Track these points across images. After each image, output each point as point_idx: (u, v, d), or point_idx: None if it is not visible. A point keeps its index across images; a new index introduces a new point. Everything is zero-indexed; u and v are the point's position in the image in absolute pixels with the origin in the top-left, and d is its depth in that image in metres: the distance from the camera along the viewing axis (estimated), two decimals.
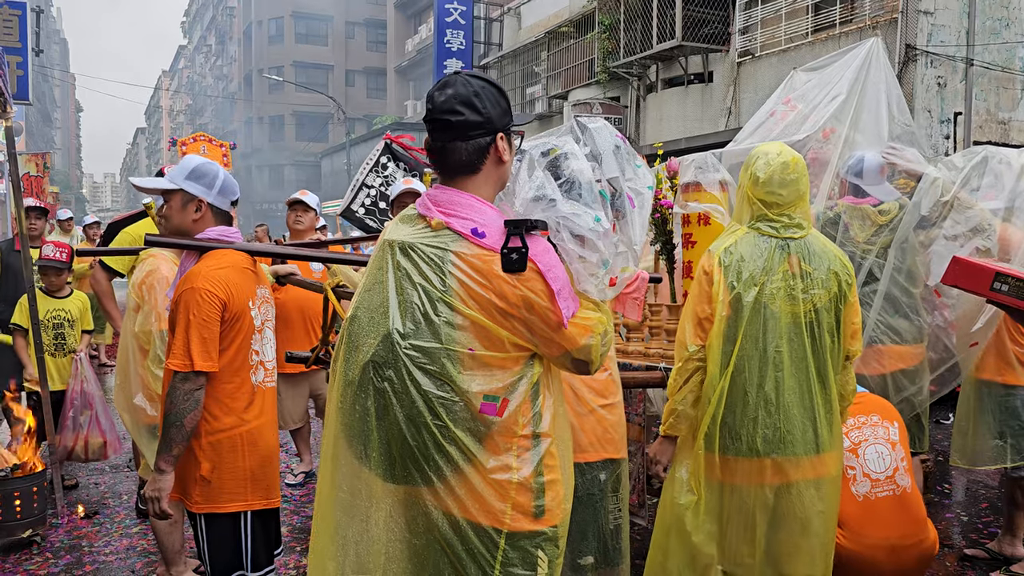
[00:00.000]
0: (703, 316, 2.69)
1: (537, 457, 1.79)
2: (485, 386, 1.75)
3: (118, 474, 5.72)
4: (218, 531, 2.60)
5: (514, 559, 1.77)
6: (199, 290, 2.47)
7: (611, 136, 2.10)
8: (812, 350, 2.62)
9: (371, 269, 1.87)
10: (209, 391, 2.52)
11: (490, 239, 1.75)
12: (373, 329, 1.79)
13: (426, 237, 1.80)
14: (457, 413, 1.74)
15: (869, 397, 3.33)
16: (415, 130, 33.00)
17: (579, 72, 17.86)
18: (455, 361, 1.73)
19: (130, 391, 3.61)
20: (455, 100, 1.81)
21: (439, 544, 1.76)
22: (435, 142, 1.85)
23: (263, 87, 46.66)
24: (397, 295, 1.77)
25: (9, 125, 4.69)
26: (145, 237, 2.67)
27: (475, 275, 1.73)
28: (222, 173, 2.71)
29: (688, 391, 2.72)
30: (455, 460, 1.74)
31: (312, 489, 5.30)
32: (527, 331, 1.77)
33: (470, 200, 1.81)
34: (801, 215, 2.67)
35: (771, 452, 2.59)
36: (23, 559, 4.18)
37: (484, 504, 1.75)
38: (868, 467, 3.12)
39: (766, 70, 13.03)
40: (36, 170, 13.59)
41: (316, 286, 3.25)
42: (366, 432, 1.78)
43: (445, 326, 1.73)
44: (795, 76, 3.75)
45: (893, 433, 3.21)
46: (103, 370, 10.05)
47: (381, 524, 1.78)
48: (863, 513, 3.07)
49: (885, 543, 3.04)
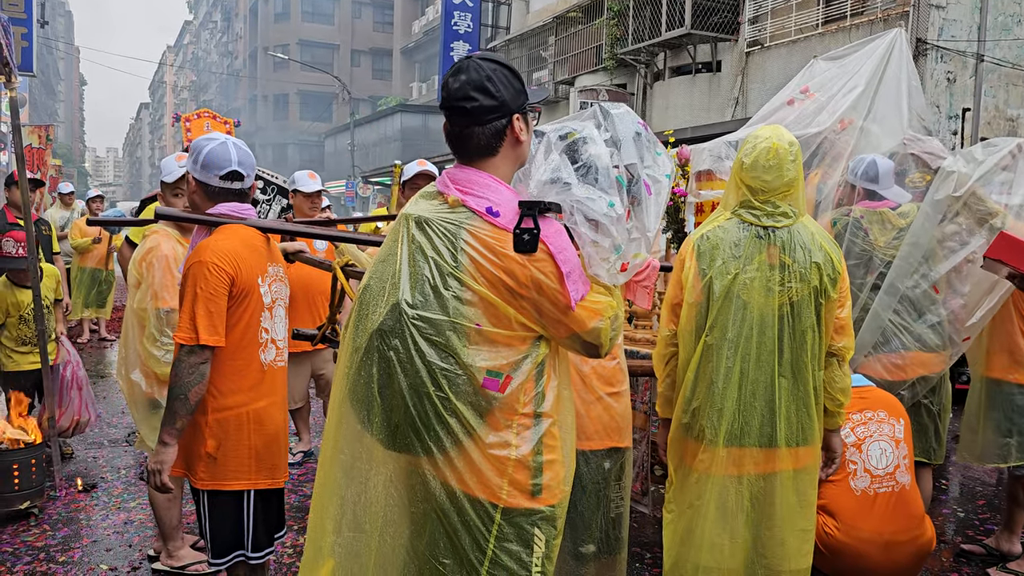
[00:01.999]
0: (675, 302, 2.70)
1: (537, 436, 1.82)
2: (489, 362, 1.77)
3: (116, 448, 5.73)
4: (221, 508, 2.60)
5: (509, 535, 1.79)
6: (206, 263, 2.45)
7: (633, 122, 2.09)
8: (786, 344, 2.56)
9: (387, 241, 1.91)
10: (217, 367, 2.50)
11: (504, 218, 1.78)
12: (383, 298, 1.82)
13: (442, 212, 1.82)
14: (460, 386, 1.76)
15: (876, 393, 3.31)
16: (420, 112, 32.97)
17: (586, 58, 17.76)
18: (461, 335, 1.76)
19: (129, 366, 3.63)
20: (469, 86, 1.82)
21: (436, 513, 1.79)
22: (453, 128, 1.87)
23: (268, 65, 46.44)
24: (409, 266, 1.80)
25: (14, 96, 4.65)
26: (156, 210, 2.65)
27: (486, 252, 1.76)
28: (208, 146, 2.61)
29: (666, 375, 2.77)
30: (455, 432, 1.77)
31: (310, 469, 5.31)
32: (535, 312, 1.79)
33: (487, 179, 1.84)
34: (790, 203, 2.61)
35: (735, 443, 2.57)
36: (20, 530, 4.19)
37: (482, 478, 1.78)
38: (870, 463, 3.11)
39: (775, 61, 12.96)
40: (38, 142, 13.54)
41: (325, 264, 3.23)
42: (369, 398, 1.81)
43: (453, 300, 1.76)
44: (815, 64, 3.70)
45: (899, 431, 3.20)
46: (103, 344, 10.05)
47: (380, 488, 1.82)
48: (859, 507, 3.07)
49: (879, 538, 3.04)
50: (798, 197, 2.64)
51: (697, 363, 2.62)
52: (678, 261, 2.69)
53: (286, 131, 47.46)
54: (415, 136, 31.60)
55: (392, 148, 31.84)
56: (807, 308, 2.57)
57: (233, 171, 2.63)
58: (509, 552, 1.79)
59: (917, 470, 3.71)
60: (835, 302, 2.62)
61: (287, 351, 2.78)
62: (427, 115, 32.15)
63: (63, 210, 10.48)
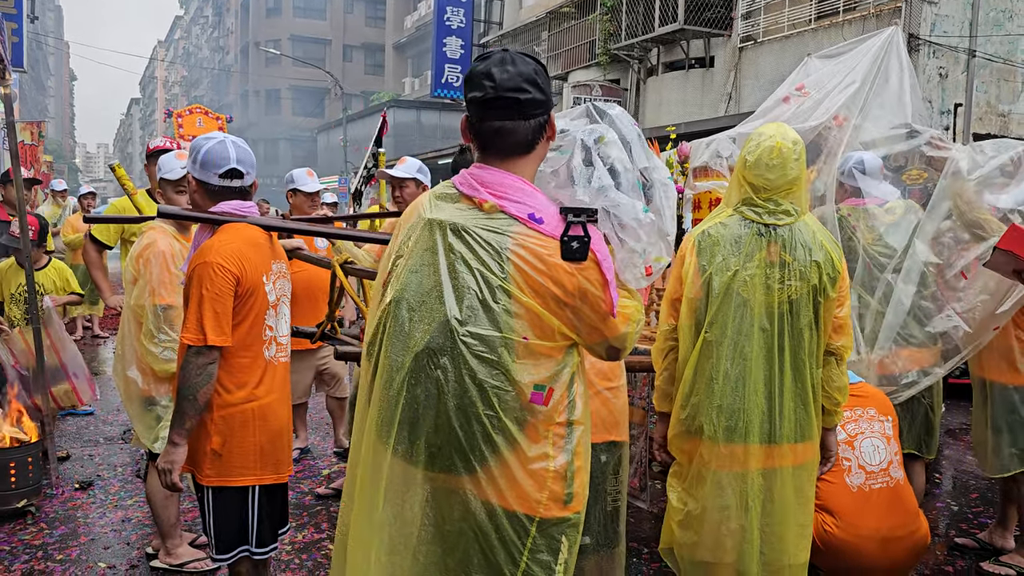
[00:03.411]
0: (674, 297, 2.70)
1: (571, 445, 1.79)
2: (535, 376, 1.73)
3: (112, 446, 5.72)
4: (225, 504, 2.61)
5: (541, 545, 1.76)
6: (212, 264, 2.46)
7: (631, 123, 2.07)
8: (786, 341, 2.58)
9: (416, 249, 1.80)
10: (222, 365, 2.52)
11: (548, 225, 1.72)
12: (427, 314, 1.74)
13: (479, 220, 1.74)
14: (508, 403, 1.71)
15: (868, 390, 3.34)
16: (412, 107, 32.88)
17: (579, 53, 17.75)
18: (511, 350, 1.70)
19: (126, 363, 3.62)
20: (520, 78, 1.74)
21: (473, 531, 1.74)
22: (491, 121, 1.76)
23: (260, 60, 46.27)
24: (451, 279, 1.72)
25: (7, 92, 4.63)
26: (158, 209, 2.65)
27: (534, 262, 1.69)
28: (206, 145, 2.62)
29: (664, 368, 2.77)
30: (500, 449, 1.72)
31: (306, 465, 5.31)
32: (576, 320, 1.75)
33: (519, 183, 1.77)
34: (793, 201, 2.62)
35: (734, 439, 2.58)
36: (17, 529, 4.18)
37: (521, 492, 1.74)
38: (864, 459, 3.13)
39: (768, 56, 12.98)
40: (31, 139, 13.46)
41: (324, 261, 3.23)
42: (413, 420, 1.74)
43: (503, 314, 1.70)
44: (809, 63, 3.70)
45: (888, 428, 3.23)
46: (96, 341, 10.03)
47: (416, 508, 1.76)
48: (857, 504, 3.09)
49: (877, 534, 3.06)
50: (800, 195, 2.65)
51: (696, 359, 2.63)
52: (678, 257, 2.70)
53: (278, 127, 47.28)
54: (408, 131, 31.52)
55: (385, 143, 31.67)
56: (806, 306, 2.58)
57: (232, 169, 2.63)
58: (540, 562, 1.77)
59: (910, 464, 3.74)
60: (834, 301, 2.63)
61: (290, 347, 2.79)
62: (420, 110, 32.07)
63: (56, 207, 10.44)
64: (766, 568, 2.66)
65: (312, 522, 4.32)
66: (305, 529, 4.22)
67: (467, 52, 21.44)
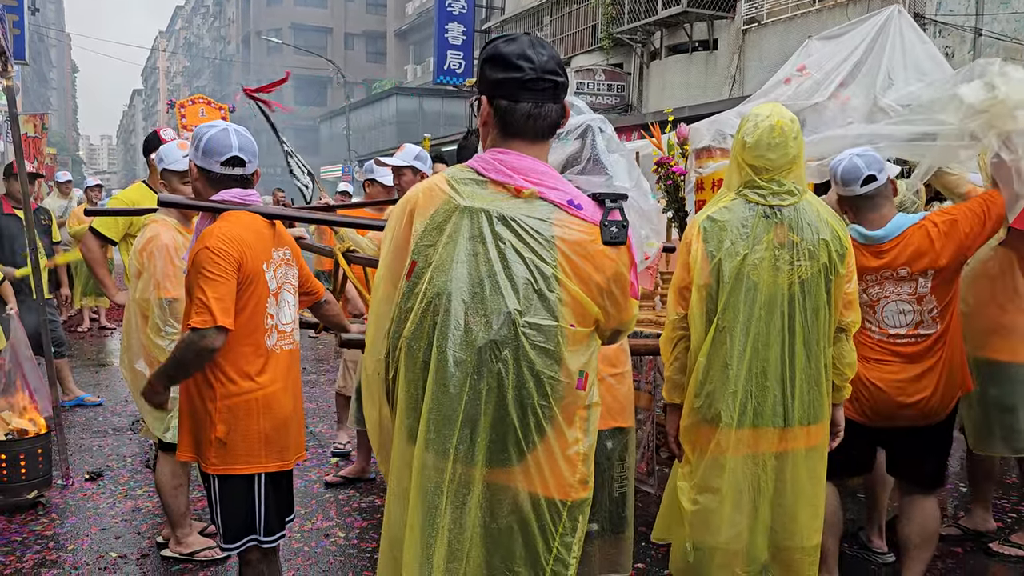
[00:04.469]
0: (682, 285, 2.67)
1: (592, 427, 1.82)
2: (579, 362, 1.75)
3: (121, 436, 5.75)
4: (231, 493, 2.62)
5: (567, 527, 1.79)
6: (212, 248, 2.47)
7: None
8: (798, 323, 2.57)
9: (456, 238, 1.73)
10: (224, 354, 2.53)
11: (587, 211, 1.73)
12: (482, 306, 1.70)
13: (521, 207, 1.72)
14: (560, 392, 1.73)
15: (906, 237, 2.99)
16: (415, 94, 32.78)
17: (582, 38, 17.67)
18: (564, 338, 1.71)
19: (132, 355, 3.65)
20: (554, 61, 1.75)
21: (518, 524, 1.75)
22: (525, 103, 1.73)
23: (261, 49, 46.16)
24: (503, 269, 1.70)
25: (10, 84, 4.63)
26: (159, 198, 2.64)
27: (578, 248, 1.71)
28: (209, 132, 2.63)
29: (674, 358, 2.74)
30: (548, 436, 1.73)
31: (315, 454, 5.33)
32: (608, 305, 1.77)
33: (548, 169, 1.77)
34: (794, 180, 2.60)
35: (750, 424, 2.58)
36: (28, 520, 4.21)
37: (560, 478, 1.76)
38: (885, 322, 3.00)
39: (771, 38, 12.89)
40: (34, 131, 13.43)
41: (326, 250, 3.23)
42: (475, 416, 1.71)
43: (557, 303, 1.70)
44: (810, 44, 3.65)
45: (923, 285, 2.97)
46: (104, 332, 10.06)
47: (474, 510, 1.74)
48: (879, 352, 3.00)
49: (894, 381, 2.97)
50: (801, 174, 2.63)
51: (709, 347, 2.61)
52: (683, 244, 2.67)
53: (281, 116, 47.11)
54: (411, 119, 31.46)
55: (388, 131, 31.71)
56: (817, 286, 2.57)
57: (234, 157, 2.63)
58: (566, 545, 1.79)
59: None
60: (843, 277, 2.62)
61: (296, 334, 2.79)
62: (423, 98, 31.98)
63: (61, 199, 10.45)
64: (779, 552, 2.66)
65: (321, 510, 4.34)
66: (314, 517, 4.24)
67: (469, 38, 21.34)
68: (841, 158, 3.00)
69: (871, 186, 2.93)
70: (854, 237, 2.90)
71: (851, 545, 3.83)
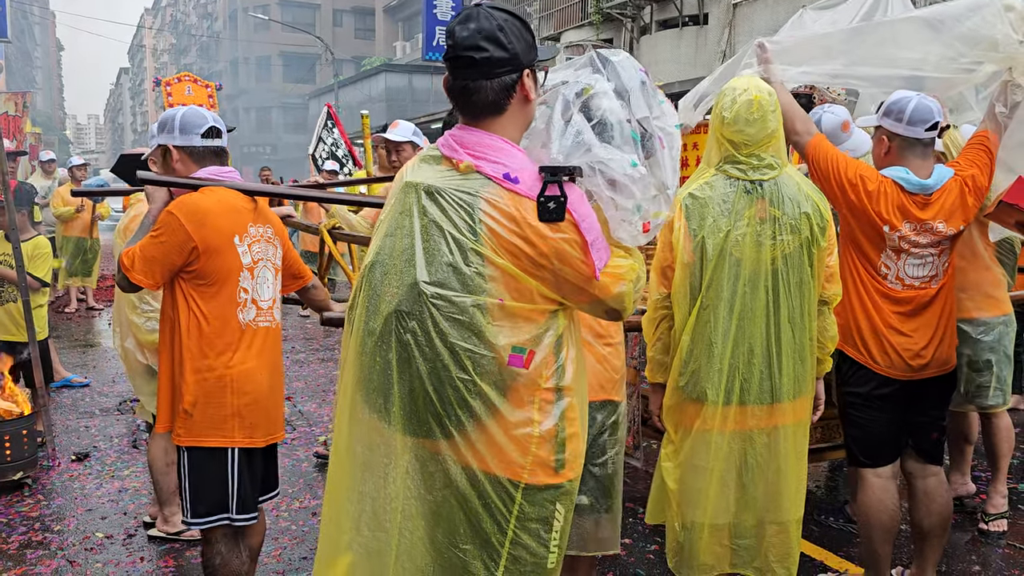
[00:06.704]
0: (665, 264, 2.64)
1: (559, 411, 1.76)
2: (513, 338, 1.70)
3: (108, 417, 5.73)
4: (200, 466, 2.60)
5: (530, 514, 1.74)
6: (171, 214, 2.53)
7: (636, 71, 1.94)
8: (782, 298, 2.54)
9: (391, 213, 1.78)
10: (195, 330, 2.55)
11: (524, 185, 1.68)
12: (397, 277, 1.72)
13: (454, 181, 1.71)
14: (484, 366, 1.69)
15: (941, 198, 2.85)
16: (404, 71, 32.54)
17: (572, 13, 17.52)
18: (484, 312, 1.68)
19: (123, 335, 3.68)
20: (479, 35, 1.69)
21: (456, 499, 1.72)
22: (457, 81, 1.73)
23: (248, 26, 45.69)
24: (423, 241, 1.70)
25: None
26: (137, 174, 2.62)
27: (507, 223, 1.66)
28: (180, 111, 2.68)
29: (657, 338, 2.72)
30: (478, 413, 1.70)
31: (302, 432, 5.32)
32: (555, 281, 1.72)
33: (499, 143, 1.72)
34: (773, 154, 2.56)
35: (737, 401, 2.57)
36: (14, 501, 4.19)
37: (504, 457, 1.72)
38: (903, 272, 2.88)
39: (763, 12, 12.81)
40: (15, 110, 13.29)
41: (312, 228, 3.21)
42: (387, 385, 1.73)
43: (476, 276, 1.67)
44: (804, 14, 3.55)
45: (941, 226, 2.85)
46: (91, 313, 10.00)
47: (399, 481, 1.73)
48: (888, 302, 2.90)
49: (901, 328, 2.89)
50: (781, 147, 2.60)
51: (693, 325, 2.59)
52: (665, 223, 2.63)
53: (269, 93, 46.83)
54: (400, 96, 31.27)
55: (377, 108, 31.46)
56: (800, 260, 2.55)
57: (212, 127, 2.68)
58: (529, 531, 1.75)
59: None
60: (825, 250, 2.60)
61: (277, 313, 2.76)
62: (412, 75, 31.77)
63: (44, 179, 10.34)
64: (766, 526, 2.66)
65: (308, 489, 4.34)
66: (302, 496, 4.24)
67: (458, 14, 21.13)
68: (908, 96, 2.83)
69: (932, 134, 2.83)
70: (900, 182, 2.77)
71: (836, 518, 3.86)
